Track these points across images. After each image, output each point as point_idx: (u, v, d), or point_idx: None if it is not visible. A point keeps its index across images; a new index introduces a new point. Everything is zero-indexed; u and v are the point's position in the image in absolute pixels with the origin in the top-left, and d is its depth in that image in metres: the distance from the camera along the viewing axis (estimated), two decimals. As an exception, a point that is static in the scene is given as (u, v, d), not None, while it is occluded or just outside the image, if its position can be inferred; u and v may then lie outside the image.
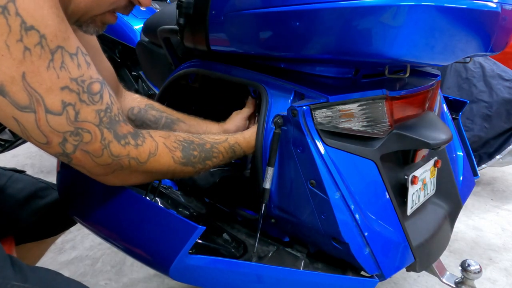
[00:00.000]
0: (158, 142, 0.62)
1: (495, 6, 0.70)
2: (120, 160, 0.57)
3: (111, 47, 2.27)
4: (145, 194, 0.85)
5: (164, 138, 0.64)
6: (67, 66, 0.48)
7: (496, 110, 1.93)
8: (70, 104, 0.49)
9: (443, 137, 0.82)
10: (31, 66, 0.45)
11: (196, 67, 0.97)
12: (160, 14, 1.39)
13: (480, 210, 2.02)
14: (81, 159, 0.54)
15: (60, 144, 0.51)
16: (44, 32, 0.45)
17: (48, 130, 0.49)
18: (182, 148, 0.66)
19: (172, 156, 0.64)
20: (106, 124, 0.54)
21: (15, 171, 0.96)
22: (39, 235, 0.96)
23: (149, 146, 0.61)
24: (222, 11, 0.79)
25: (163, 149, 0.63)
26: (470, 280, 0.94)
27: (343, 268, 0.79)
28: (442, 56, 0.72)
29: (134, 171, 0.60)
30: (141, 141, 0.59)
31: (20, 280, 0.58)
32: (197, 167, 0.69)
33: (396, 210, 0.80)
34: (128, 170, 0.59)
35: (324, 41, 0.69)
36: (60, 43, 0.48)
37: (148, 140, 0.61)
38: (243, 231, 0.90)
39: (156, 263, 0.67)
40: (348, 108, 0.74)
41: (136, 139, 0.59)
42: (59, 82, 0.48)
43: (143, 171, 0.61)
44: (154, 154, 0.61)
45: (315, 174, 0.71)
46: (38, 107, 0.47)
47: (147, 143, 0.60)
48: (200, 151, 0.69)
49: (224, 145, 0.74)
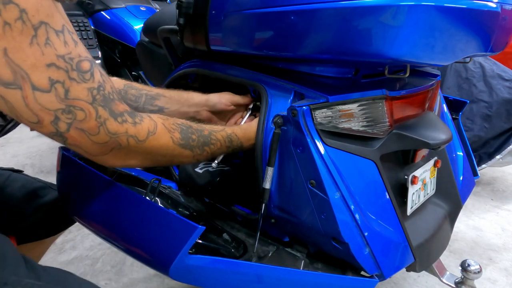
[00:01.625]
0: (157, 121, 0.62)
1: (495, 6, 0.70)
2: (118, 138, 0.56)
3: (111, 47, 2.27)
4: (145, 194, 0.85)
5: (163, 119, 0.64)
6: (52, 43, 0.48)
7: (496, 110, 1.93)
8: (59, 81, 0.49)
9: (443, 137, 0.82)
10: (13, 42, 0.45)
11: (196, 67, 0.97)
12: (160, 14, 1.39)
13: (480, 210, 2.02)
14: (77, 138, 0.53)
15: (52, 123, 0.50)
16: (25, 6, 0.44)
17: (37, 108, 0.49)
18: (181, 130, 0.66)
19: (171, 137, 0.64)
20: (100, 102, 0.53)
21: (13, 171, 0.96)
22: (39, 235, 0.97)
23: (148, 124, 0.60)
24: (222, 11, 0.79)
25: (162, 129, 0.63)
26: (470, 280, 0.94)
27: (343, 268, 0.79)
28: (442, 56, 0.72)
29: (133, 151, 0.60)
30: (139, 120, 0.59)
31: (34, 278, 0.60)
32: (196, 152, 0.69)
33: (396, 210, 0.80)
34: (127, 149, 0.58)
35: (324, 41, 0.69)
36: (43, 19, 0.47)
37: (147, 119, 0.61)
38: (243, 231, 0.90)
39: (156, 263, 0.67)
40: (348, 108, 0.74)
41: (134, 118, 0.58)
42: (44, 58, 0.47)
43: (142, 151, 0.61)
44: (153, 133, 0.61)
45: (315, 174, 0.71)
46: (24, 84, 0.47)
47: (145, 121, 0.60)
48: (198, 135, 0.69)
49: (221, 133, 0.74)
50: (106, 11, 2.25)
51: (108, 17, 2.23)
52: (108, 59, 2.27)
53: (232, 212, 0.92)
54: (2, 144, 2.71)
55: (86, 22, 2.27)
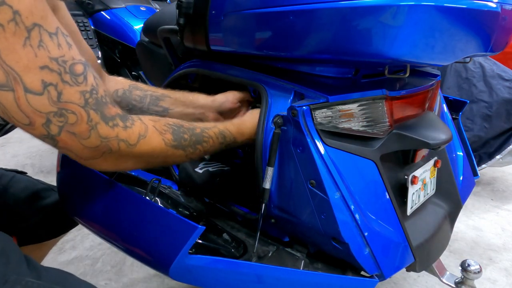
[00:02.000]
0: (147, 124, 0.62)
1: (495, 6, 0.70)
2: (109, 142, 0.55)
3: (111, 47, 2.27)
4: (145, 194, 0.85)
5: (154, 121, 0.64)
6: (46, 45, 0.47)
7: (496, 110, 1.93)
8: (51, 84, 0.48)
9: (443, 137, 0.82)
10: (5, 43, 0.45)
11: (196, 67, 0.97)
12: (160, 14, 1.39)
13: (480, 210, 2.02)
14: (68, 142, 0.53)
15: (44, 125, 0.50)
16: (18, 8, 0.44)
17: (29, 110, 0.48)
18: (172, 131, 0.65)
19: (163, 139, 0.63)
20: (92, 106, 0.53)
21: (17, 172, 0.97)
22: (40, 236, 0.97)
23: (139, 128, 0.60)
24: (222, 11, 0.79)
25: (153, 132, 0.62)
26: (470, 280, 0.94)
27: (343, 268, 0.79)
28: (442, 56, 0.72)
29: (124, 155, 0.59)
30: (130, 123, 0.58)
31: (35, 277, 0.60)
32: (188, 151, 0.68)
33: (396, 210, 0.80)
34: (118, 154, 0.58)
35: (324, 41, 0.69)
36: (37, 21, 0.46)
37: (138, 122, 0.60)
38: (243, 231, 0.90)
39: (156, 263, 0.67)
40: (348, 108, 0.74)
41: (125, 121, 0.58)
42: (37, 60, 0.47)
43: (134, 155, 0.60)
44: (144, 136, 0.60)
45: (315, 174, 0.71)
46: (16, 86, 0.47)
47: (136, 125, 0.59)
48: (190, 134, 0.68)
49: (214, 130, 0.73)
50: (106, 11, 2.25)
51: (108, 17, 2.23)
52: (108, 59, 2.27)
53: (232, 212, 0.92)
54: (2, 144, 2.71)
55: (86, 22, 2.27)
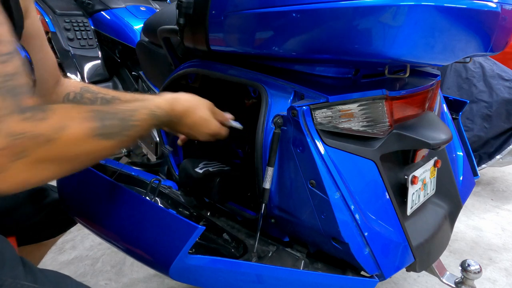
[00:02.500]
0: (68, 113, 0.51)
1: (495, 6, 0.70)
2: (22, 140, 0.44)
3: (111, 47, 2.27)
4: (145, 194, 0.85)
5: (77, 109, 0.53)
6: None
7: (496, 110, 1.93)
8: None
9: (443, 137, 0.82)
10: None
11: (196, 67, 0.97)
12: (160, 14, 1.39)
13: (480, 210, 2.02)
14: None
15: None
16: None
17: None
18: (97, 117, 0.54)
19: (86, 128, 0.52)
20: (5, 91, 0.43)
21: None
22: (39, 236, 0.97)
23: (58, 119, 0.48)
24: (222, 11, 0.79)
25: (74, 121, 0.50)
26: (470, 280, 0.94)
27: (343, 268, 0.79)
28: (442, 56, 0.72)
29: (43, 157, 0.47)
30: (49, 114, 0.48)
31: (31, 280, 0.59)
32: (117, 140, 0.57)
33: (396, 210, 0.80)
34: (34, 156, 0.45)
35: (324, 41, 0.69)
36: None
37: (57, 112, 0.49)
38: (243, 231, 0.90)
39: (156, 263, 0.67)
40: (348, 108, 0.74)
41: (43, 112, 0.47)
42: None
43: (55, 155, 0.48)
44: (64, 128, 0.48)
45: (315, 174, 0.71)
46: None
47: (56, 114, 0.49)
48: (119, 119, 0.57)
49: (143, 111, 0.63)
50: (106, 11, 2.25)
51: (108, 17, 2.22)
52: (108, 59, 2.27)
53: (232, 212, 0.92)
54: (2, 144, 2.70)
55: (86, 22, 2.27)
